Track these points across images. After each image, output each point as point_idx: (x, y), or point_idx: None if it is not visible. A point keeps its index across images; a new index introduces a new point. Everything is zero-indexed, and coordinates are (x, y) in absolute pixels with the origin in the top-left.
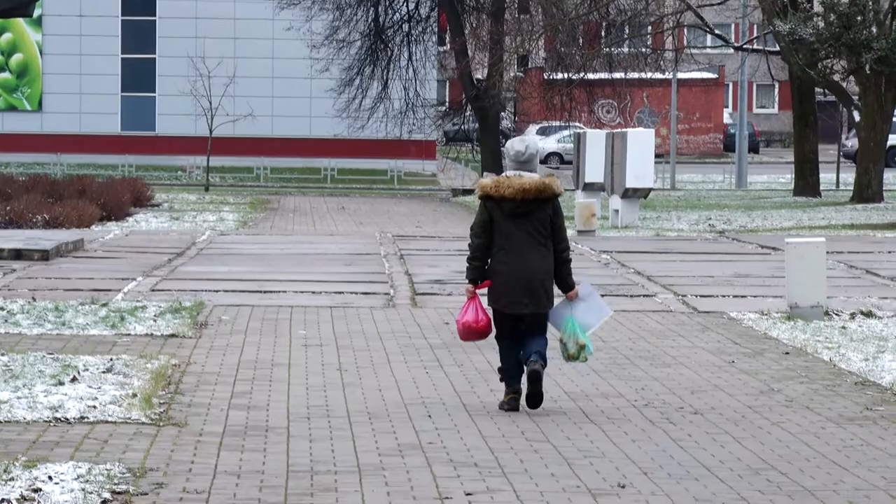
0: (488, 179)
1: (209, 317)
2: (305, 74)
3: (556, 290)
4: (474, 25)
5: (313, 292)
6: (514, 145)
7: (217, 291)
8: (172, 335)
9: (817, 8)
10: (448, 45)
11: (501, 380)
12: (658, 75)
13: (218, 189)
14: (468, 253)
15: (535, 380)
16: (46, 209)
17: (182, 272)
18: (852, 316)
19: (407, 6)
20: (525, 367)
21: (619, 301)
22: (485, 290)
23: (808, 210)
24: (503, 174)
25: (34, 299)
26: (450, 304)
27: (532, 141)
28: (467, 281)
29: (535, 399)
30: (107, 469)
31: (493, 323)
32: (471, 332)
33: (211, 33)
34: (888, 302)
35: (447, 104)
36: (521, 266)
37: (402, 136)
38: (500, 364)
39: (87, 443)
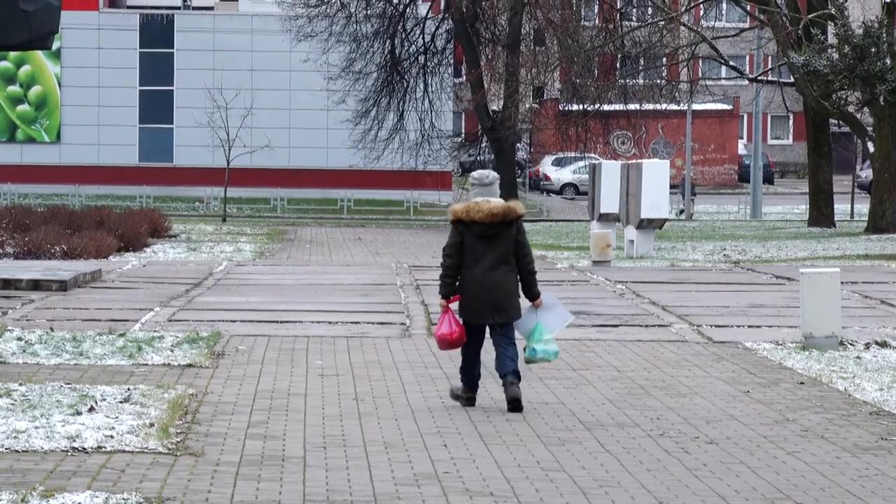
0: (459, 205)
1: (226, 347)
2: (322, 106)
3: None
4: (490, 57)
5: (329, 322)
6: (477, 171)
7: (234, 322)
8: (189, 365)
9: (832, 40)
10: (464, 77)
11: (462, 381)
12: (673, 106)
13: (235, 220)
14: (441, 271)
15: (516, 400)
16: (65, 240)
17: (199, 302)
18: (867, 346)
19: (423, 38)
20: (504, 389)
21: (635, 331)
22: (456, 304)
23: (823, 240)
24: (472, 200)
25: (52, 329)
26: None
27: (490, 170)
28: (440, 296)
29: (517, 406)
30: (124, 499)
31: (465, 334)
32: (446, 343)
33: (228, 65)
34: None
35: (463, 135)
36: (489, 283)
37: (418, 167)
38: (461, 367)
39: (105, 472)
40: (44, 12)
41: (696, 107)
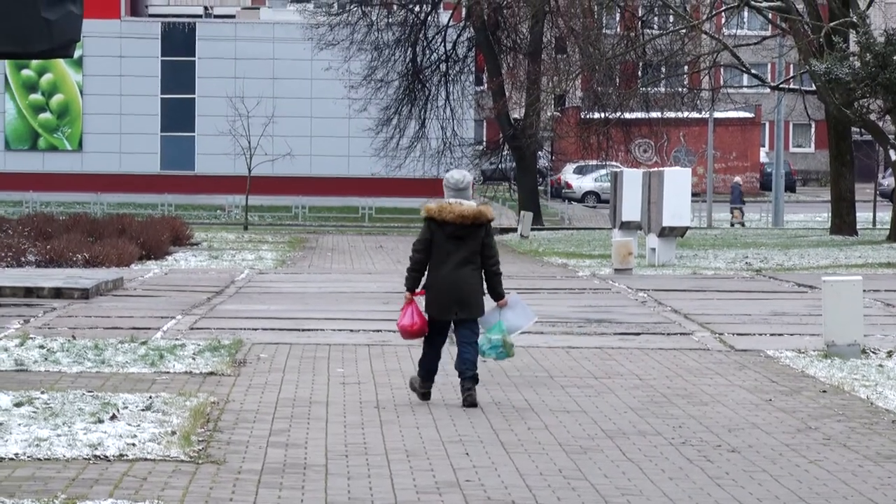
0: (433, 204)
1: (248, 355)
2: (344, 114)
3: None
4: (511, 65)
5: (351, 330)
6: (453, 175)
7: (255, 330)
8: (211, 373)
9: (853, 48)
10: (485, 85)
11: (419, 374)
12: (695, 114)
13: (256, 228)
14: (409, 264)
15: (473, 405)
16: (86, 248)
17: (221, 311)
18: (889, 354)
19: (444, 46)
20: (461, 391)
21: (656, 339)
22: (420, 298)
23: (845, 248)
24: (445, 200)
25: (74, 337)
26: None
27: (466, 173)
28: (406, 289)
29: (473, 405)
30: None
31: (427, 325)
32: (407, 334)
33: (250, 73)
34: None
35: (484, 143)
36: (455, 280)
37: (440, 175)
38: (420, 359)
39: (126, 480)
40: (65, 21)
41: (717, 115)
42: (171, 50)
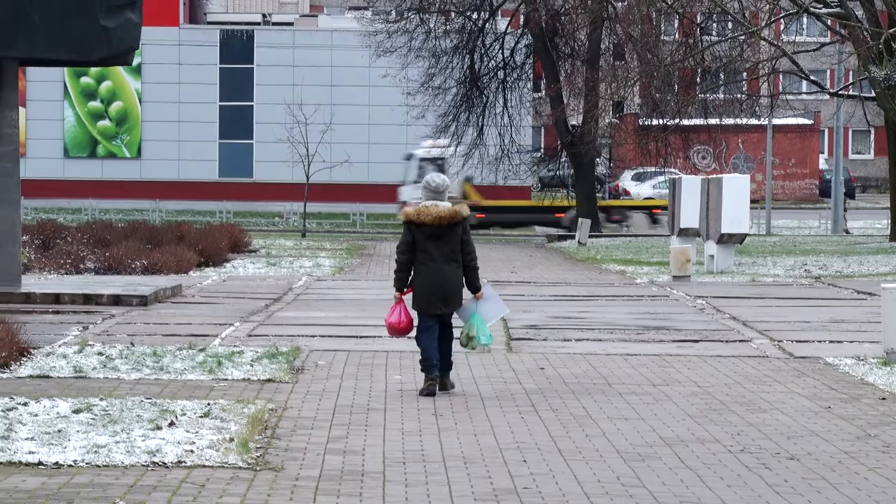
0: (411, 208)
1: (305, 362)
2: (401, 121)
3: None
4: (569, 72)
5: (409, 337)
6: (434, 179)
7: (313, 337)
8: (269, 380)
9: None
10: (543, 92)
11: (423, 370)
12: (753, 121)
13: (314, 235)
14: (395, 266)
15: (443, 389)
16: (145, 255)
17: (279, 318)
18: None
19: (502, 53)
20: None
21: (715, 346)
22: (408, 296)
23: None
24: (422, 203)
25: (133, 344)
26: (545, 350)
27: (444, 177)
28: (395, 289)
29: (444, 388)
30: None
31: (415, 322)
32: (395, 331)
33: (308, 80)
34: None
35: (542, 150)
36: (438, 278)
37: (498, 181)
38: (420, 357)
39: (185, 487)
40: (124, 28)
41: (776, 121)
42: (230, 57)
